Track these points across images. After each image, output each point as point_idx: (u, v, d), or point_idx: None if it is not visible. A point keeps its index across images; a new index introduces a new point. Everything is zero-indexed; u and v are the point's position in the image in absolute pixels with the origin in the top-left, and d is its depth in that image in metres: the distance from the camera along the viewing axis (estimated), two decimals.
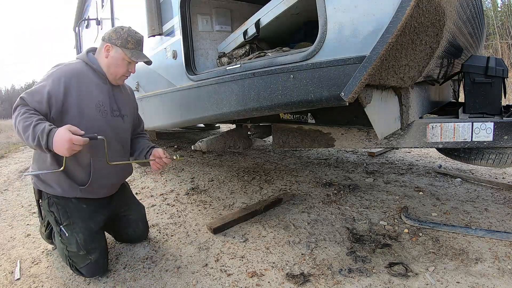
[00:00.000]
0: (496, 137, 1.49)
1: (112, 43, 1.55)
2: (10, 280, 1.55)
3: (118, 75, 1.59)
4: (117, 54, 1.55)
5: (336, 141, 1.86)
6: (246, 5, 2.41)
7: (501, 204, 2.12)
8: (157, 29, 2.18)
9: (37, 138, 1.28)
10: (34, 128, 1.29)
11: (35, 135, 1.28)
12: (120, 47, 1.54)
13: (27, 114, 1.32)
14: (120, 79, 1.63)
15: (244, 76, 1.51)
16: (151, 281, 1.49)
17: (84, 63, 1.56)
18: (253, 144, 2.46)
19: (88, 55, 1.60)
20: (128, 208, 1.79)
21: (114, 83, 1.63)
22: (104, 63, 1.57)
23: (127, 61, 1.57)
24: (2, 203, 2.67)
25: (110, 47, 1.55)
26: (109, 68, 1.57)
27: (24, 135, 1.31)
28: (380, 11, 1.01)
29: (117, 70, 1.57)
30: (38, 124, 1.30)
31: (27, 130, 1.29)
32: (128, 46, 1.55)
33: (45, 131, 1.28)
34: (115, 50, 1.55)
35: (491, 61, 1.64)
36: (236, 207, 2.29)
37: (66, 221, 1.54)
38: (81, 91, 1.47)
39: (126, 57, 1.56)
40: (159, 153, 1.67)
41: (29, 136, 1.29)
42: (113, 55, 1.55)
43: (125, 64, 1.58)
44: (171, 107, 2.32)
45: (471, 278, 1.39)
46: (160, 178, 3.16)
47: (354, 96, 1.11)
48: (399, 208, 2.13)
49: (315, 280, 1.43)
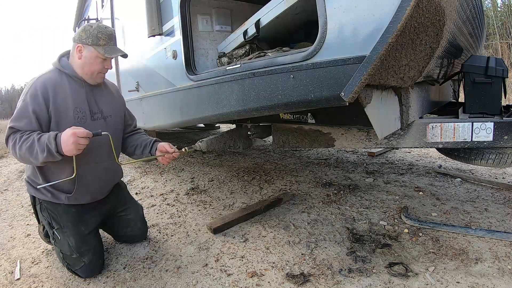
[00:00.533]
0: (496, 137, 1.49)
1: (83, 43, 1.49)
2: (10, 280, 1.55)
3: (94, 74, 1.54)
4: (90, 53, 1.50)
5: (336, 141, 1.86)
6: (246, 5, 2.41)
7: (501, 204, 2.12)
8: (157, 29, 2.18)
9: (46, 146, 1.31)
10: (39, 141, 1.32)
11: (43, 146, 1.31)
12: (92, 46, 1.49)
13: (24, 137, 1.35)
14: (97, 77, 1.57)
15: (244, 76, 1.51)
16: (151, 281, 1.49)
17: (57, 70, 1.52)
18: (253, 144, 2.46)
19: (61, 61, 1.56)
20: (125, 208, 1.79)
21: (92, 82, 1.58)
22: (78, 65, 1.52)
23: (101, 58, 1.52)
24: (2, 203, 2.67)
25: (82, 47, 1.50)
26: (84, 69, 1.52)
27: (32, 154, 1.33)
28: (380, 11, 1.01)
29: (92, 68, 1.52)
30: (41, 137, 1.34)
31: (33, 147, 1.32)
32: (100, 43, 1.49)
33: (51, 137, 1.32)
34: (87, 49, 1.50)
35: (491, 61, 1.64)
36: (236, 207, 2.29)
37: (57, 225, 1.56)
38: (56, 101, 1.44)
39: (99, 55, 1.50)
40: (165, 147, 1.65)
41: (37, 151, 1.32)
42: (86, 54, 1.50)
43: (99, 62, 1.52)
44: (171, 107, 2.32)
45: (471, 278, 1.39)
46: (160, 178, 3.16)
47: (354, 96, 1.11)
48: (399, 208, 2.13)
49: (315, 280, 1.43)
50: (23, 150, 1.33)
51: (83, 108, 1.52)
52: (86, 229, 1.58)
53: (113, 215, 1.76)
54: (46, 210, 1.58)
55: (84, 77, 1.55)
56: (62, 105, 1.46)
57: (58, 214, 1.56)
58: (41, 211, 1.61)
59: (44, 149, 1.31)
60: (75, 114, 1.48)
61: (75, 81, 1.54)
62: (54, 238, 1.57)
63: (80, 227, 1.57)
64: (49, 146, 1.31)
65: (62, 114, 1.45)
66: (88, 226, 1.60)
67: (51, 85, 1.45)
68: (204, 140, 2.11)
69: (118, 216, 1.77)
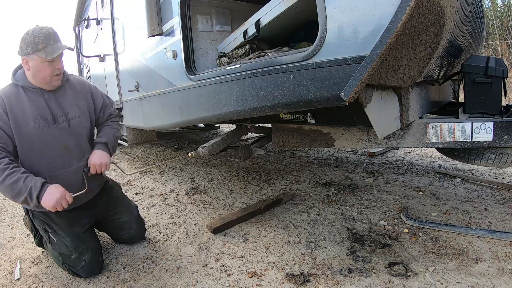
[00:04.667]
0: (496, 137, 1.49)
1: (26, 54, 1.44)
2: (10, 280, 1.55)
3: (47, 79, 1.50)
4: (34, 61, 1.45)
5: (336, 141, 1.86)
6: (246, 5, 2.41)
7: (501, 204, 2.12)
8: (157, 29, 2.18)
9: (29, 189, 1.36)
10: (24, 181, 1.37)
11: (27, 187, 1.36)
12: (33, 53, 1.43)
13: (8, 171, 1.36)
14: (52, 81, 1.52)
15: (244, 76, 1.51)
16: (151, 281, 1.49)
17: (14, 84, 1.52)
18: (253, 155, 2.49)
19: (16, 74, 1.54)
20: (117, 211, 1.78)
21: (50, 88, 1.55)
22: (30, 76, 1.50)
23: (47, 61, 1.45)
24: (2, 203, 2.67)
25: (27, 59, 1.46)
26: (36, 78, 1.49)
27: (14, 191, 1.36)
28: (380, 11, 1.01)
29: (43, 75, 1.48)
30: (27, 177, 1.38)
31: (16, 185, 1.36)
32: (39, 47, 1.43)
33: (38, 182, 1.39)
34: (31, 59, 1.45)
35: (491, 61, 1.64)
36: (236, 207, 2.29)
37: (51, 229, 1.58)
38: (13, 114, 1.45)
39: (43, 59, 1.44)
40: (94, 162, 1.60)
41: (20, 190, 1.36)
42: (32, 64, 1.46)
43: (47, 66, 1.46)
44: (171, 107, 2.32)
45: (471, 278, 1.39)
46: (160, 178, 3.16)
47: (354, 96, 1.11)
48: (399, 208, 2.13)
49: (315, 280, 1.43)
50: (5, 184, 1.35)
51: (43, 115, 1.51)
52: (80, 229, 1.59)
53: (106, 219, 1.76)
54: (39, 218, 1.61)
55: (40, 85, 1.52)
56: (20, 117, 1.46)
57: (50, 219, 1.58)
58: (34, 219, 1.63)
59: (27, 190, 1.36)
60: (35, 124, 1.48)
61: (32, 91, 1.51)
62: (51, 242, 1.57)
63: (74, 228, 1.58)
64: (32, 190, 1.36)
65: (22, 125, 1.46)
66: (82, 227, 1.61)
67: (7, 99, 1.46)
68: (206, 146, 2.12)
69: (111, 220, 1.77)
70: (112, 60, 3.58)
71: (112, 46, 3.46)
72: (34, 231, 1.73)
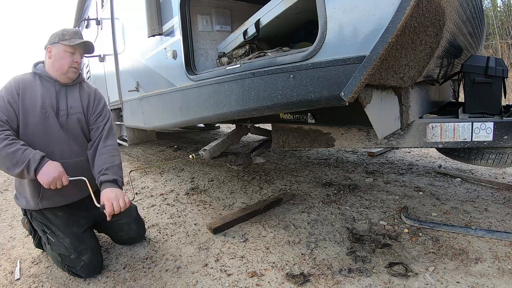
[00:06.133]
0: (496, 137, 1.48)
1: (51, 43, 1.60)
2: (10, 280, 1.55)
3: (64, 68, 1.60)
4: (57, 49, 1.59)
5: (336, 141, 1.86)
6: (246, 5, 2.41)
7: (501, 204, 2.12)
8: (157, 29, 2.18)
9: (27, 161, 1.38)
10: (23, 153, 1.39)
11: (25, 159, 1.38)
12: (58, 42, 1.58)
13: (8, 141, 1.39)
14: (70, 72, 1.62)
15: (244, 76, 1.51)
16: (151, 281, 1.49)
17: (32, 73, 1.62)
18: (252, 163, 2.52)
19: (37, 66, 1.65)
20: None
21: (65, 80, 1.63)
22: (49, 64, 1.61)
23: (69, 52, 1.59)
24: (2, 203, 2.67)
25: (51, 48, 1.60)
26: (54, 66, 1.59)
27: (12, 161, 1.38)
28: (380, 11, 1.01)
29: (62, 62, 1.59)
30: (26, 150, 1.41)
31: (15, 155, 1.37)
32: (65, 38, 1.59)
33: (37, 155, 1.41)
34: (55, 47, 1.59)
35: (491, 61, 1.64)
36: (236, 207, 2.29)
37: (49, 230, 1.58)
38: (25, 97, 1.52)
39: (66, 48, 1.58)
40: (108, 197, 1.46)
41: (17, 161, 1.38)
42: (54, 52, 1.59)
43: (68, 55, 1.59)
44: (171, 107, 2.32)
45: (471, 278, 1.39)
46: (160, 178, 3.16)
47: (354, 96, 1.10)
48: (399, 208, 2.13)
49: (315, 280, 1.43)
50: (3, 153, 1.37)
51: (51, 104, 1.58)
52: (78, 229, 1.59)
53: (104, 220, 1.75)
54: (35, 218, 1.61)
55: (56, 75, 1.61)
56: (30, 101, 1.53)
57: (48, 220, 1.59)
58: (32, 219, 1.64)
59: (24, 162, 1.38)
60: (42, 109, 1.55)
61: (47, 80, 1.61)
62: (50, 243, 1.57)
63: (72, 228, 1.58)
64: (30, 161, 1.38)
65: (30, 108, 1.52)
66: (80, 227, 1.60)
67: (23, 83, 1.55)
68: (206, 149, 2.12)
69: (111, 221, 1.75)
70: (112, 60, 3.58)
71: (112, 46, 3.46)
72: (33, 232, 1.73)
